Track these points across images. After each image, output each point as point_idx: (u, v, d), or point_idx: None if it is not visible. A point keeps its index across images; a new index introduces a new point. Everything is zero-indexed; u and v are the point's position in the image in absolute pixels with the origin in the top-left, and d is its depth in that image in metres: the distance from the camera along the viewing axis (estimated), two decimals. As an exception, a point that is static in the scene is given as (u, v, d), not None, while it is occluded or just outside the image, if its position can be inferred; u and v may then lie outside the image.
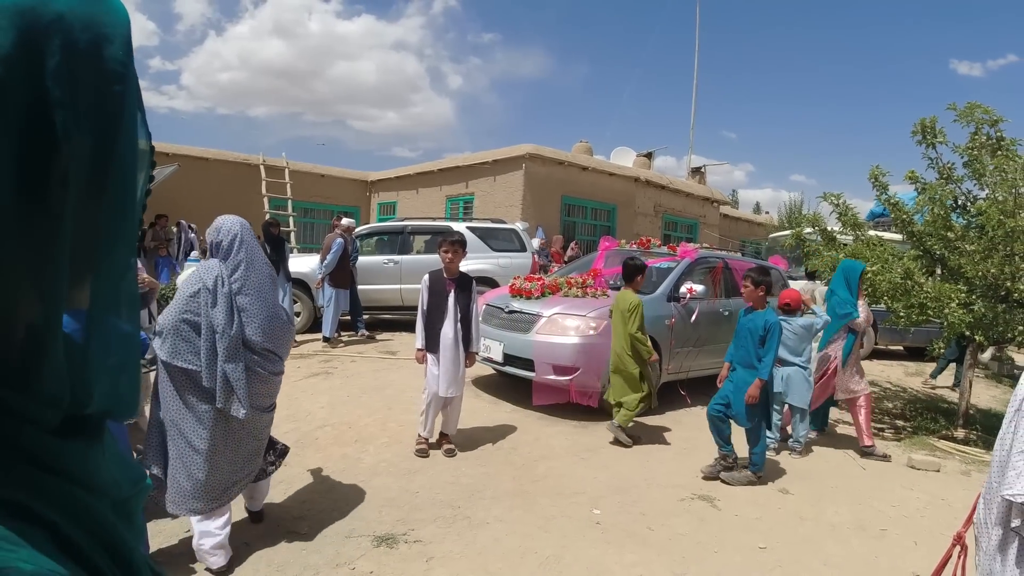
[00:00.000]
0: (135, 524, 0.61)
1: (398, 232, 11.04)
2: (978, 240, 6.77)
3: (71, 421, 0.51)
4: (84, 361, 0.50)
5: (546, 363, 6.23)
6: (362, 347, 9.10)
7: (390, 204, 19.61)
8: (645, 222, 17.80)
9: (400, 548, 3.65)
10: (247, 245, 3.37)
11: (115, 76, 0.47)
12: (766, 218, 32.40)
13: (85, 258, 0.49)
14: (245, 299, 3.29)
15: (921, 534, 4.38)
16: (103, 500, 0.53)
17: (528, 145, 15.12)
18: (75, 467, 0.50)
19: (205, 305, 3.20)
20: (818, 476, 5.37)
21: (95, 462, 0.53)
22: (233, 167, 17.14)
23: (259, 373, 3.32)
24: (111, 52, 0.47)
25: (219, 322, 3.18)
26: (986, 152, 6.97)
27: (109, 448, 0.59)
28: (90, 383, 0.51)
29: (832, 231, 8.08)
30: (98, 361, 0.52)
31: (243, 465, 3.41)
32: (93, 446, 0.53)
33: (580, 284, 7.05)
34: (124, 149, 0.49)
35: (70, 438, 0.50)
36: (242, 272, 3.32)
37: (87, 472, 0.51)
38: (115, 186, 0.49)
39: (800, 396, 5.83)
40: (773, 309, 5.39)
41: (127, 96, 0.49)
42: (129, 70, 0.49)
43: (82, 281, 0.50)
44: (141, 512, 0.64)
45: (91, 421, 0.53)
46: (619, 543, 3.89)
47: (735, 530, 4.21)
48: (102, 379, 0.52)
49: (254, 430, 3.41)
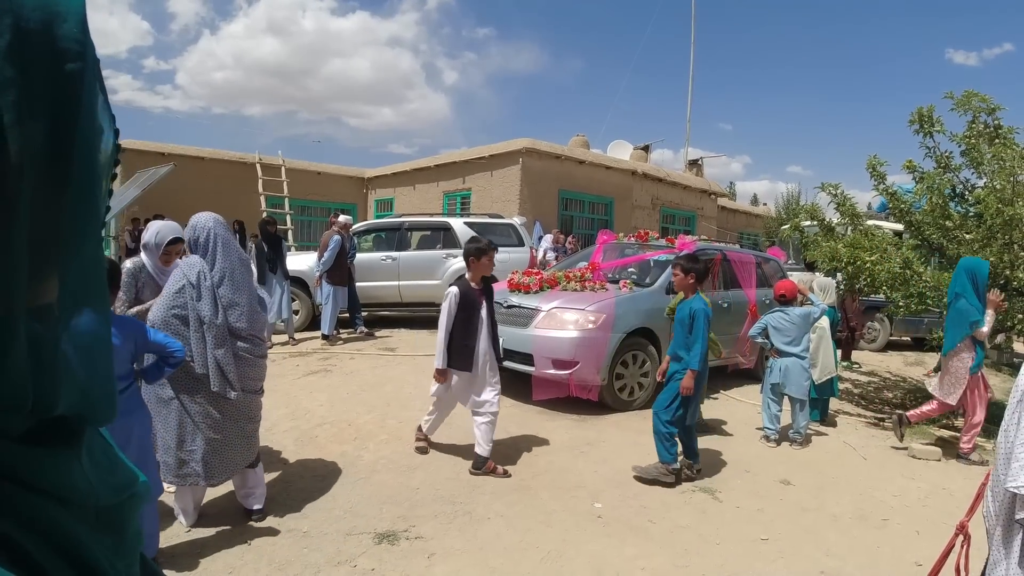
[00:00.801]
0: (125, 533, 0.58)
1: (395, 229, 11.02)
2: (976, 229, 6.76)
3: (41, 426, 0.49)
4: (47, 361, 0.48)
5: (545, 357, 6.21)
6: (361, 344, 9.08)
7: (387, 201, 19.59)
8: (643, 215, 17.79)
9: (401, 544, 3.64)
10: (222, 239, 3.64)
11: (70, 54, 0.45)
12: (764, 210, 32.38)
13: (47, 251, 0.46)
14: (226, 290, 3.58)
15: (923, 524, 4.38)
16: (75, 509, 0.51)
17: (524, 140, 15.10)
18: (37, 475, 0.48)
19: (191, 299, 3.48)
20: (819, 467, 5.36)
21: (64, 469, 0.50)
22: (229, 166, 17.12)
23: (246, 358, 3.62)
24: (65, 30, 0.44)
25: (206, 313, 3.48)
26: (984, 140, 6.97)
27: (96, 454, 0.57)
28: (55, 385, 0.48)
29: (830, 222, 8.07)
30: (63, 362, 0.49)
31: (241, 446, 3.69)
32: (62, 452, 0.51)
33: (579, 278, 7.04)
34: (84, 133, 0.46)
35: (37, 444, 0.48)
36: (220, 265, 3.59)
37: (53, 480, 0.49)
38: (78, 174, 0.46)
39: (798, 387, 5.81)
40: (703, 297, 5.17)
41: (85, 75, 0.46)
42: (87, 48, 0.46)
43: (44, 276, 0.47)
44: (135, 520, 0.61)
45: (64, 426, 0.51)
46: (620, 536, 3.89)
47: (737, 522, 4.21)
48: (68, 381, 0.49)
49: (248, 412, 3.70)
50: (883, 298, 7.27)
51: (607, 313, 6.24)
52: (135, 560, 0.60)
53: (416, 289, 10.47)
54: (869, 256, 6.91)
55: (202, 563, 3.37)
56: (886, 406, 7.79)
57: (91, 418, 0.54)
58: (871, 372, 10.03)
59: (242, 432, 3.65)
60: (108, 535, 0.55)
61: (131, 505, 0.60)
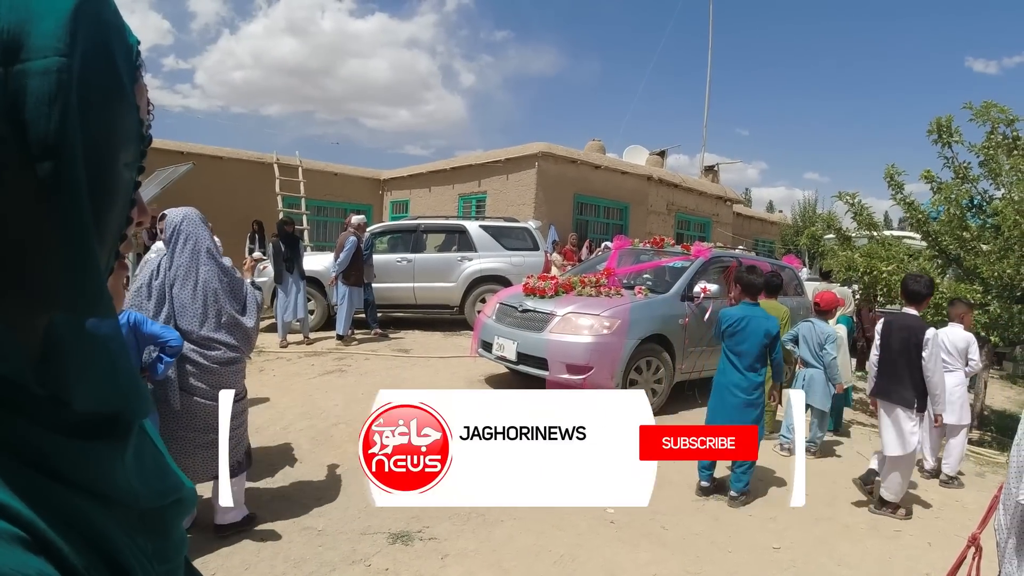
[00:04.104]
0: (169, 537, 0.59)
1: (411, 231, 11.08)
2: (994, 240, 6.74)
3: (83, 423, 0.50)
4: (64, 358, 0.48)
5: (560, 362, 6.23)
6: (375, 345, 9.15)
7: (403, 202, 19.65)
8: (658, 220, 17.75)
9: (415, 545, 3.68)
10: (188, 236, 3.48)
11: (42, 54, 0.43)
12: (779, 217, 32.19)
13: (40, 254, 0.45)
14: (179, 289, 3.40)
15: (935, 535, 4.37)
16: (117, 509, 0.52)
17: (541, 144, 15.11)
18: (76, 469, 0.48)
19: (144, 298, 3.36)
20: (832, 476, 5.35)
21: (105, 467, 0.51)
22: (247, 166, 17.21)
23: (197, 361, 3.39)
24: (40, 29, 0.43)
25: (150, 312, 3.32)
26: (1002, 151, 6.94)
27: (146, 458, 0.58)
28: (71, 381, 0.49)
29: (847, 231, 8.06)
30: (80, 359, 0.49)
31: (200, 456, 3.42)
32: (103, 449, 0.51)
33: (594, 283, 7.06)
34: (68, 139, 0.44)
35: (78, 438, 0.49)
36: (176, 262, 3.43)
37: (92, 476, 0.49)
38: (66, 179, 0.44)
39: (822, 397, 5.79)
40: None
41: (64, 77, 0.44)
42: (72, 48, 0.44)
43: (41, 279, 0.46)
44: (180, 525, 0.62)
45: (105, 424, 0.52)
46: (633, 542, 3.91)
47: (749, 530, 4.22)
48: (86, 378, 0.50)
49: (200, 421, 3.43)
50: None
51: (622, 319, 6.26)
52: (179, 564, 0.62)
53: (431, 291, 10.52)
54: (886, 266, 6.90)
55: (218, 559, 3.42)
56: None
57: (127, 414, 0.54)
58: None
59: (194, 442, 3.42)
60: (151, 538, 0.56)
61: (176, 510, 0.61)
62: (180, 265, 3.43)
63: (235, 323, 3.56)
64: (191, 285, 3.43)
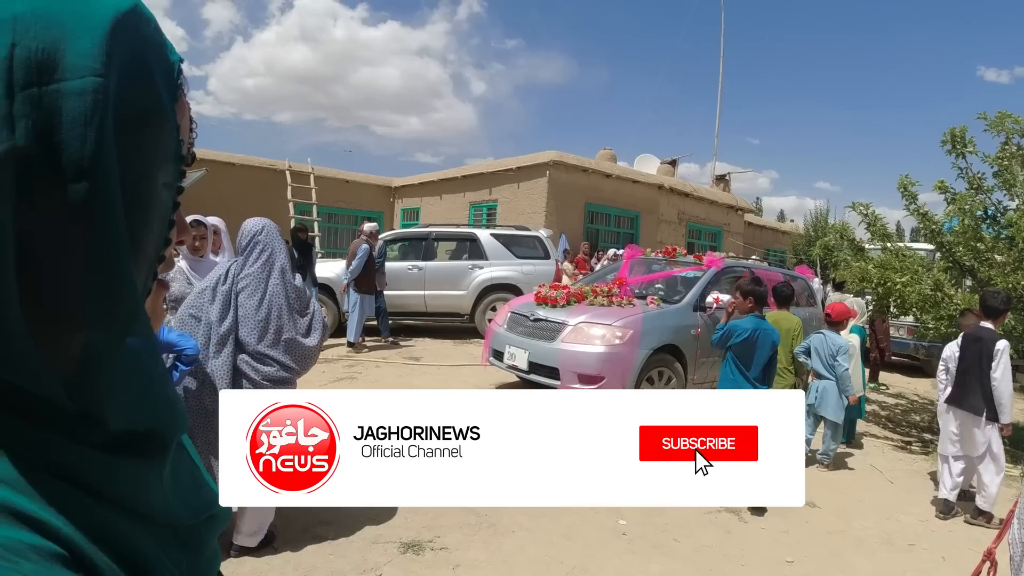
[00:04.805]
0: (203, 553, 0.59)
1: (423, 238, 11.11)
2: (1008, 251, 6.68)
3: (121, 440, 0.50)
4: (98, 377, 0.48)
5: (571, 372, 6.22)
6: (386, 353, 9.16)
7: (413, 210, 19.71)
8: (669, 230, 17.74)
9: (426, 555, 3.67)
10: (264, 248, 3.46)
11: (75, 72, 0.42)
12: (791, 226, 32.10)
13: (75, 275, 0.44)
14: (244, 298, 3.36)
15: (949, 549, 4.32)
16: (151, 525, 0.51)
17: (552, 152, 15.13)
18: (112, 485, 0.48)
19: (207, 301, 3.34)
20: (845, 489, 5.32)
21: (141, 483, 0.51)
22: (259, 172, 17.32)
23: (248, 375, 3.35)
24: (76, 48, 0.42)
25: (213, 318, 3.30)
26: (1017, 162, 6.89)
27: (182, 474, 0.59)
28: (105, 400, 0.48)
29: (860, 241, 8.01)
30: (114, 378, 0.49)
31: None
32: (141, 466, 0.51)
33: (606, 293, 7.05)
34: (102, 161, 0.43)
35: (115, 454, 0.49)
36: (248, 271, 3.40)
37: (128, 492, 0.49)
38: (100, 202, 0.43)
39: (835, 409, 5.74)
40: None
41: (100, 97, 0.43)
42: (102, 67, 0.43)
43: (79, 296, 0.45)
44: (213, 541, 0.62)
45: (142, 441, 0.52)
46: (644, 554, 3.89)
47: (762, 543, 4.19)
48: (121, 396, 0.50)
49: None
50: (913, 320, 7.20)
51: (634, 329, 6.24)
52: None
53: (441, 299, 10.54)
54: (899, 277, 6.86)
55: (228, 567, 3.41)
56: (913, 429, 7.69)
57: (164, 431, 0.55)
58: (898, 394, 9.91)
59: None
60: (185, 554, 0.56)
61: (210, 527, 0.61)
62: (250, 275, 3.40)
63: (294, 343, 3.49)
64: (258, 297, 3.39)
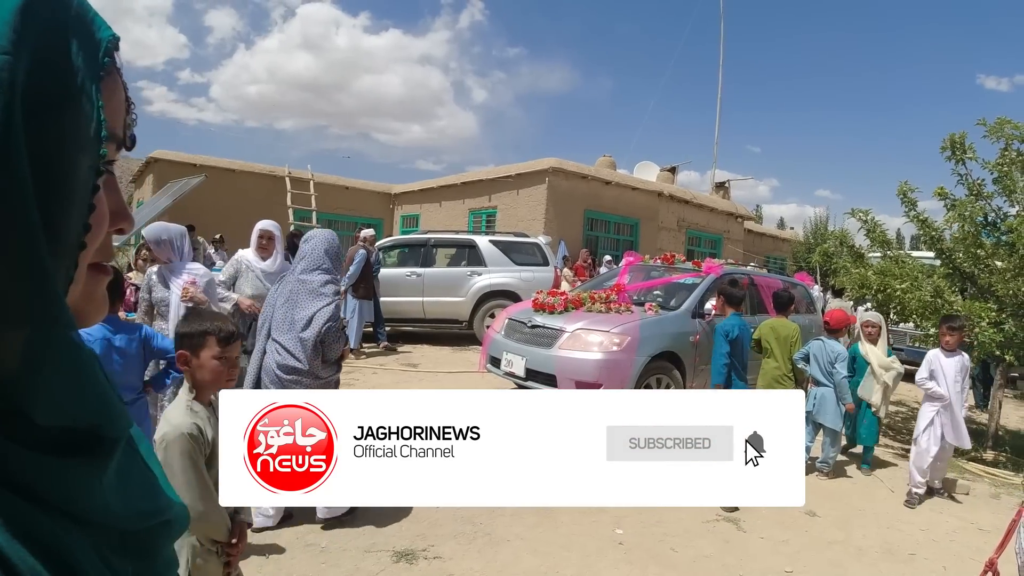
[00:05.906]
0: (154, 560, 0.58)
1: (421, 245, 11.09)
2: (1008, 258, 6.65)
3: (58, 439, 0.48)
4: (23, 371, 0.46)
5: (568, 378, 6.18)
6: (384, 359, 9.12)
7: (413, 216, 19.72)
8: (668, 237, 17.72)
9: (419, 564, 3.63)
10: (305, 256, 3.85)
11: None
12: (791, 233, 32.11)
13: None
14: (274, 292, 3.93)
15: (951, 559, 4.27)
16: (92, 528, 0.50)
17: (551, 159, 15.14)
18: (44, 485, 0.46)
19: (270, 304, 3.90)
20: (846, 498, 5.27)
21: (77, 484, 0.49)
22: (259, 179, 17.34)
23: (274, 373, 3.73)
24: None
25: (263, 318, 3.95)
26: (1016, 168, 6.87)
27: (133, 476, 0.57)
28: (29, 394, 0.46)
29: (860, 248, 7.99)
30: (35, 372, 0.46)
31: None
32: (77, 466, 0.49)
33: (603, 299, 7.01)
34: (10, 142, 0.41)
35: (49, 454, 0.47)
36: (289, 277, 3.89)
37: (62, 494, 0.47)
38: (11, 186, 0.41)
39: (834, 416, 5.69)
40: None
41: (1, 75, 0.41)
42: (10, 45, 0.41)
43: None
44: (168, 547, 0.61)
45: (82, 440, 0.50)
46: (642, 564, 3.84)
47: (761, 553, 4.13)
48: (44, 391, 0.47)
49: None
50: (913, 326, 7.16)
51: (632, 335, 6.20)
52: None
53: (440, 305, 10.51)
54: (899, 284, 6.82)
55: None
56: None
57: (106, 431, 0.52)
58: (898, 402, 9.85)
59: None
60: (133, 560, 0.54)
61: (163, 532, 0.59)
62: (288, 282, 3.85)
63: (296, 336, 3.76)
64: (288, 301, 3.78)
